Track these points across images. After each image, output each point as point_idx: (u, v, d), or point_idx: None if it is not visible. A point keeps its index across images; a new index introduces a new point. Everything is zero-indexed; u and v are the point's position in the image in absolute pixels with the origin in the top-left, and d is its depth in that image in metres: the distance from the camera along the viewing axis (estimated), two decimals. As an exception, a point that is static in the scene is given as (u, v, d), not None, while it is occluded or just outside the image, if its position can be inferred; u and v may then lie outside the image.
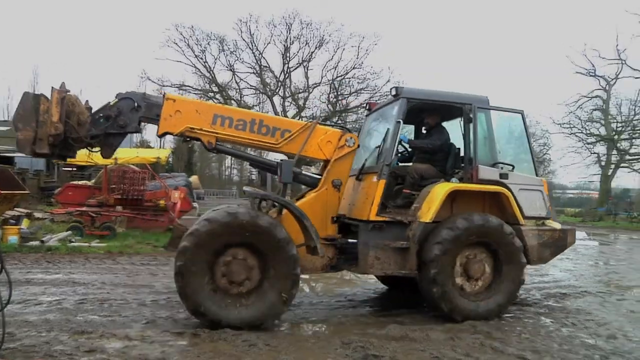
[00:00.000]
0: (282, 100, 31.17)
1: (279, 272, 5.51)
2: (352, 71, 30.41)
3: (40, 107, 5.46)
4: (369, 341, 5.03)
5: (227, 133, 6.22)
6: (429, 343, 5.09)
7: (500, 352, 4.89)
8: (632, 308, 7.18)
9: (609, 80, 37.23)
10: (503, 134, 7.44)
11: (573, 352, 4.97)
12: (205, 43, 29.14)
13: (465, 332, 5.52)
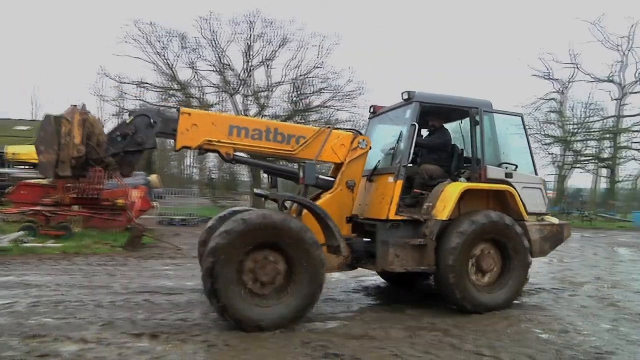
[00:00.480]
0: (243, 98, 30.88)
1: (305, 274, 5.60)
2: (313, 70, 30.36)
3: (61, 130, 5.52)
4: (329, 340, 5.05)
5: (244, 143, 6.38)
6: (389, 341, 5.14)
7: (458, 348, 4.97)
8: (583, 303, 7.40)
9: (564, 83, 38.39)
10: (505, 135, 7.83)
11: (528, 347, 5.09)
12: (166, 40, 28.58)
13: (424, 330, 5.60)
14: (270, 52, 30.12)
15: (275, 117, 31.08)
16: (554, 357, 4.81)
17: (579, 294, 8.15)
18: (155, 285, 7.79)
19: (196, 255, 11.54)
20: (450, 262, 6.37)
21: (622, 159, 36.87)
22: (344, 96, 30.75)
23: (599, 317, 6.56)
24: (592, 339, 5.51)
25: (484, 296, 6.67)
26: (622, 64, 36.08)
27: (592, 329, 5.93)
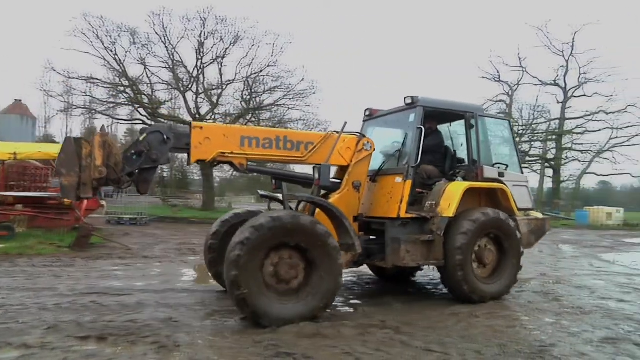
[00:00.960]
0: (195, 96, 30.46)
1: (325, 276, 5.80)
2: (266, 69, 30.24)
3: (82, 152, 5.62)
4: (281, 339, 5.03)
5: (256, 153, 6.59)
6: (341, 339, 5.16)
7: (408, 345, 5.04)
8: (529, 299, 7.64)
9: (512, 86, 39.58)
10: (495, 137, 8.51)
11: (475, 342, 5.21)
12: (116, 35, 27.89)
13: (375, 328, 5.65)
14: (222, 49, 29.87)
15: (227, 116, 30.81)
16: (500, 351, 4.94)
17: (525, 290, 8.41)
18: (104, 287, 7.59)
19: (147, 255, 11.49)
20: (457, 258, 6.91)
21: (566, 160, 38.26)
22: (296, 95, 30.72)
23: (543, 312, 6.79)
24: (536, 332, 5.71)
25: (486, 287, 7.27)
26: (565, 68, 37.46)
27: (536, 324, 6.14)
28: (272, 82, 30.70)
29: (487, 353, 4.87)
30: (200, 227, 20.89)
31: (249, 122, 31.72)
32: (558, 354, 4.92)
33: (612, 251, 17.30)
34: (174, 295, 7.18)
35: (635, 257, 15.85)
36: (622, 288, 9.01)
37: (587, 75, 36.75)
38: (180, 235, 16.93)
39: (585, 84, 37.09)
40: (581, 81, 37.12)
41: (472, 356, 4.77)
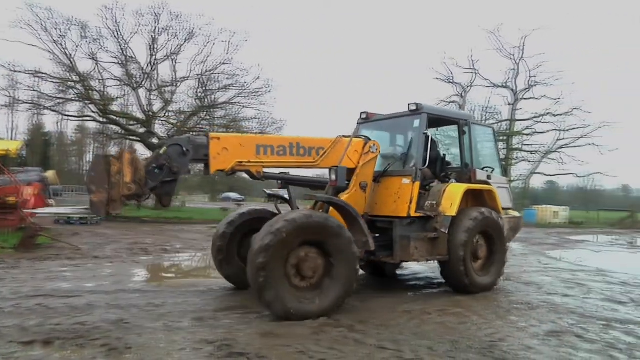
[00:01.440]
0: (147, 93, 29.84)
1: (343, 267, 6.18)
2: (221, 67, 29.89)
3: (111, 169, 5.79)
4: (234, 339, 4.99)
5: (271, 160, 6.92)
6: (294, 338, 5.16)
7: (361, 343, 5.08)
8: (480, 295, 7.80)
9: (464, 87, 40.40)
10: (481, 143, 9.13)
11: (428, 339, 5.29)
12: (65, 28, 27.00)
13: (329, 327, 5.66)
14: (176, 46, 29.37)
15: (180, 113, 30.34)
16: (451, 347, 5.03)
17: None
18: (51, 288, 7.35)
19: (98, 255, 11.20)
20: (460, 253, 7.57)
21: (515, 160, 39.31)
22: (251, 93, 30.48)
23: (494, 308, 6.96)
24: (487, 328, 5.84)
25: (480, 279, 7.97)
26: (515, 71, 38.49)
27: (487, 319, 6.28)
28: (226, 80, 30.40)
29: (439, 349, 4.96)
30: (153, 227, 20.55)
31: (202, 119, 31.32)
32: (507, 348, 5.06)
33: (558, 248, 17.92)
34: (125, 296, 7.03)
35: (579, 253, 16.49)
36: (567, 283, 9.35)
37: (536, 79, 37.86)
38: (132, 235, 16.59)
39: (534, 86, 38.20)
40: (530, 84, 38.20)
41: (424, 352, 4.84)
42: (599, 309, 7.12)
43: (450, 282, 8.02)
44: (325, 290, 6.15)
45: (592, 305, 7.41)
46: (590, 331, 5.88)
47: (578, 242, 21.29)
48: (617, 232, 30.42)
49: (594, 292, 8.55)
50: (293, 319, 5.74)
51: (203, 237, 16.69)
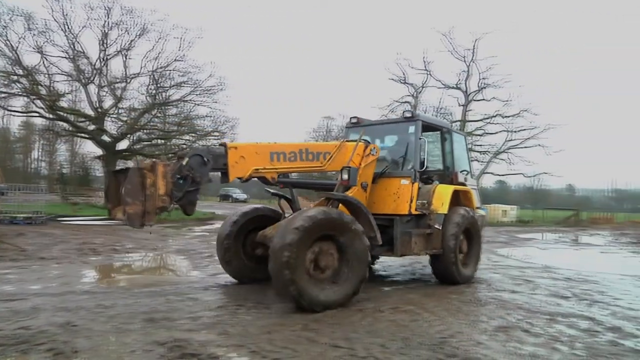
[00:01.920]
0: (97, 89, 29.03)
1: (357, 257, 6.75)
2: (174, 63, 29.37)
3: (146, 181, 5.92)
4: (186, 340, 4.93)
5: (284, 166, 7.33)
6: (248, 338, 5.13)
7: (314, 342, 5.09)
8: (432, 293, 7.97)
9: (417, 88, 40.99)
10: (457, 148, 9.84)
11: (380, 336, 5.35)
12: (8, 18, 25.94)
13: (282, 325, 5.66)
14: (128, 41, 28.66)
15: (132, 110, 29.67)
16: (403, 344, 5.11)
17: (429, 285, 8.77)
18: (-7, 291, 7.09)
19: (44, 256, 10.84)
20: (452, 247, 8.49)
21: (467, 160, 40.05)
22: (204, 91, 30.08)
23: (444, 305, 7.10)
24: (438, 325, 5.94)
25: (465, 270, 8.93)
26: (467, 73, 39.31)
27: (437, 316, 6.39)
28: (179, 77, 29.91)
29: (392, 347, 5.02)
30: (104, 226, 20.02)
31: (155, 117, 30.74)
32: (457, 344, 5.17)
33: (507, 246, 18.44)
34: (73, 298, 6.83)
35: (527, 251, 17.02)
36: (515, 280, 9.63)
37: (487, 81, 38.70)
38: (82, 235, 16.11)
39: (485, 88, 39.06)
40: (481, 86, 39.06)
41: (377, 350, 4.89)
42: (544, 304, 7.37)
43: (442, 273, 8.83)
44: (342, 280, 6.70)
45: (538, 300, 7.66)
46: (536, 325, 6.08)
47: (526, 240, 21.94)
48: (563, 230, 31.49)
49: (540, 288, 8.84)
50: (317, 310, 6.25)
51: (155, 236, 16.40)
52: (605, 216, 40.37)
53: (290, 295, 6.19)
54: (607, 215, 40.80)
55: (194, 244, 14.48)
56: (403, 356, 4.75)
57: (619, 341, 5.57)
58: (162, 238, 16.26)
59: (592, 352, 5.09)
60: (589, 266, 12.70)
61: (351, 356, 4.70)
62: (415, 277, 9.63)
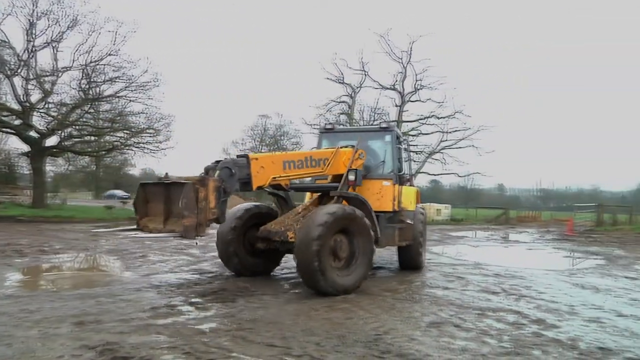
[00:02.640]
0: (24, 82, 27.59)
1: (366, 248, 7.89)
2: (107, 58, 28.30)
3: (199, 195, 6.50)
4: (118, 342, 4.78)
5: (294, 173, 8.22)
6: (182, 339, 5.04)
7: (250, 341, 5.06)
8: (366, 291, 8.04)
9: (354, 88, 41.44)
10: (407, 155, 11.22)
11: (316, 335, 5.37)
12: None
13: (217, 326, 5.60)
14: (57, 33, 27.34)
15: (62, 105, 28.47)
16: (339, 342, 5.15)
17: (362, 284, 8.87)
18: None
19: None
20: (420, 239, 10.31)
21: (402, 159, 40.87)
22: (139, 87, 29.19)
23: (379, 303, 7.23)
24: (373, 322, 6.03)
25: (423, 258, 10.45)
26: (403, 74, 40.10)
27: (372, 313, 6.49)
28: (112, 72, 28.85)
29: (327, 344, 5.05)
30: (30, 226, 19.15)
31: (86, 113, 29.61)
32: (391, 340, 5.26)
33: (440, 244, 18.94)
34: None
35: (460, 248, 17.55)
36: (447, 277, 9.92)
37: (422, 82, 39.66)
38: (5, 236, 15.29)
39: (420, 90, 39.99)
40: (416, 87, 39.94)
41: (312, 348, 4.91)
42: (475, 300, 7.63)
43: (409, 261, 10.46)
44: (355, 267, 7.77)
45: (469, 296, 7.92)
46: (467, 320, 6.28)
47: (458, 238, 22.61)
48: (493, 227, 32.69)
49: (472, 284, 9.14)
50: (338, 294, 7.32)
51: (85, 236, 15.82)
52: (532, 214, 42.26)
53: (319, 283, 7.19)
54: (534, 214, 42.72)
55: (126, 244, 14.07)
56: (338, 354, 4.79)
57: (542, 332, 5.85)
58: (93, 238, 15.71)
59: (518, 344, 5.31)
60: (516, 262, 13.23)
61: (286, 355, 4.69)
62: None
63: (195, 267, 10.05)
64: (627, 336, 5.86)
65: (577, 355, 5.05)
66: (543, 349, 5.18)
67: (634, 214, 32.01)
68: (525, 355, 4.96)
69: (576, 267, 13.08)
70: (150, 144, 31.77)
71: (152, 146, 31.77)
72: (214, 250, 13.20)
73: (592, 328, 6.17)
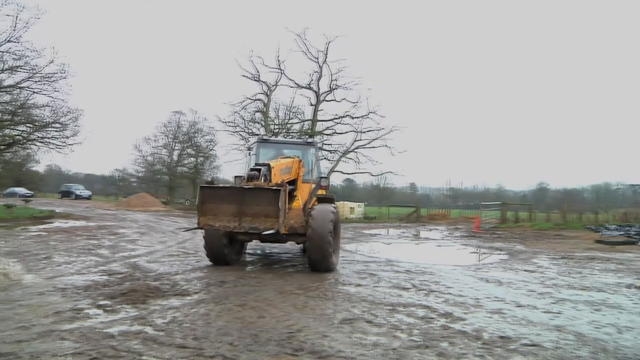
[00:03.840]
0: None
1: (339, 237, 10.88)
2: (6, 44, 26.44)
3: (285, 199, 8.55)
4: (14, 352, 4.50)
5: (285, 178, 9.90)
6: (88, 343, 4.83)
7: (161, 343, 4.93)
8: (278, 290, 8.09)
9: (270, 86, 41.35)
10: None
11: (230, 335, 5.33)
12: None
13: (126, 329, 5.42)
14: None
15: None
16: (252, 341, 5.13)
17: (275, 282, 8.88)
18: None
19: None
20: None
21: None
22: (44, 78, 27.54)
23: (292, 301, 7.26)
24: (285, 320, 6.06)
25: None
26: (319, 74, 40.48)
27: (285, 311, 6.53)
28: (13, 60, 27.00)
29: (240, 344, 5.02)
30: None
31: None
32: (304, 338, 5.31)
33: (354, 242, 19.30)
34: None
35: (372, 246, 17.99)
36: (360, 274, 10.11)
37: (337, 82, 40.20)
38: None
39: (335, 89, 40.51)
40: (332, 87, 40.44)
41: (225, 349, 4.86)
42: (386, 296, 7.84)
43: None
44: (336, 250, 10.51)
45: (381, 292, 8.13)
46: (379, 316, 6.44)
47: (371, 236, 23.13)
48: (405, 225, 33.72)
49: (383, 280, 9.39)
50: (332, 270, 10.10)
51: (-18, 238, 14.76)
52: (442, 212, 43.86)
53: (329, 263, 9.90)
54: (444, 212, 44.37)
55: (28, 245, 13.26)
56: (251, 353, 4.77)
57: (450, 325, 6.11)
58: (-9, 240, 14.69)
59: (427, 337, 5.52)
60: (427, 259, 13.76)
61: (199, 356, 4.63)
62: (254, 275, 9.70)
63: (104, 268, 9.65)
64: (524, 324, 6.25)
65: (480, 345, 5.32)
66: (450, 341, 5.41)
67: (534, 212, 34.05)
68: (434, 348, 5.15)
69: (482, 262, 13.72)
70: (57, 139, 30.26)
71: (58, 141, 30.28)
72: (122, 250, 12.83)
73: (495, 319, 6.52)
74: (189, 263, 10.92)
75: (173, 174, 63.80)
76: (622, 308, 7.41)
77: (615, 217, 28.99)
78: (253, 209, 8.32)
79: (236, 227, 8.32)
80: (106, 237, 16.71)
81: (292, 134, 41.36)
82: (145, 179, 67.04)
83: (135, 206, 44.30)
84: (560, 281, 9.84)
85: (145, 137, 65.07)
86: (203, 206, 8.37)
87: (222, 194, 8.43)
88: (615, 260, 13.53)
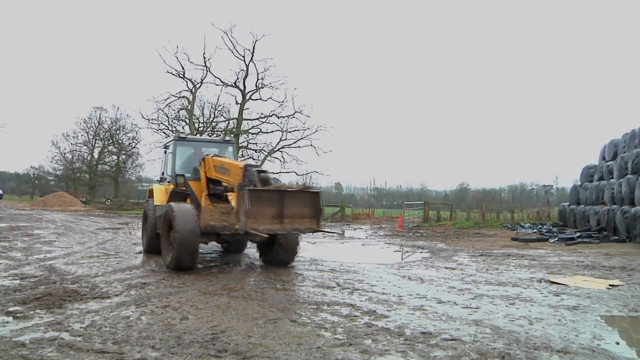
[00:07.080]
0: None
1: None
2: None
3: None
4: None
5: (216, 175, 10.44)
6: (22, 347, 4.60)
7: (79, 349, 4.77)
8: (200, 290, 8.00)
9: (196, 84, 40.73)
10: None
11: (152, 338, 5.23)
12: None
13: (41, 335, 5.19)
14: None
15: None
16: (175, 343, 5.06)
17: (196, 282, 8.77)
18: None
19: None
20: None
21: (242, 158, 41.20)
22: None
23: (214, 301, 7.20)
24: (210, 321, 6.02)
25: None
26: (245, 72, 40.27)
27: (208, 312, 6.48)
28: None
29: (163, 347, 4.94)
30: None
31: None
32: (228, 338, 5.29)
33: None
34: None
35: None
36: (284, 274, 10.15)
37: (264, 81, 40.25)
38: None
39: (262, 88, 40.56)
40: (258, 86, 40.43)
41: (147, 352, 4.77)
42: (311, 295, 7.92)
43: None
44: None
45: (305, 291, 8.20)
46: (303, 315, 6.50)
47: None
48: (330, 224, 34.05)
49: (308, 279, 9.47)
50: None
51: None
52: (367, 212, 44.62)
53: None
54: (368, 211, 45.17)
55: None
56: (174, 356, 4.71)
57: (373, 322, 6.25)
58: None
59: (351, 335, 5.62)
60: (351, 258, 13.95)
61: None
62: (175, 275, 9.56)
63: (16, 272, 9.17)
64: (445, 320, 6.50)
65: (403, 341, 5.48)
66: (374, 338, 5.54)
67: (455, 211, 35.32)
68: (357, 345, 5.26)
69: (405, 261, 14.10)
70: (-39, 133, 28.36)
71: (-37, 135, 28.38)
72: (37, 252, 12.24)
73: (417, 315, 6.73)
74: (110, 264, 10.59)
75: (94, 172, 61.61)
76: (534, 301, 7.85)
77: (530, 216, 30.49)
78: (293, 211, 8.73)
79: (279, 229, 8.67)
80: (19, 238, 15.88)
81: (218, 133, 40.97)
82: (64, 178, 64.35)
83: (53, 206, 42.39)
84: (479, 277, 10.28)
85: (64, 133, 62.36)
86: (248, 211, 8.32)
87: (264, 197, 8.57)
88: (529, 256, 14.26)
